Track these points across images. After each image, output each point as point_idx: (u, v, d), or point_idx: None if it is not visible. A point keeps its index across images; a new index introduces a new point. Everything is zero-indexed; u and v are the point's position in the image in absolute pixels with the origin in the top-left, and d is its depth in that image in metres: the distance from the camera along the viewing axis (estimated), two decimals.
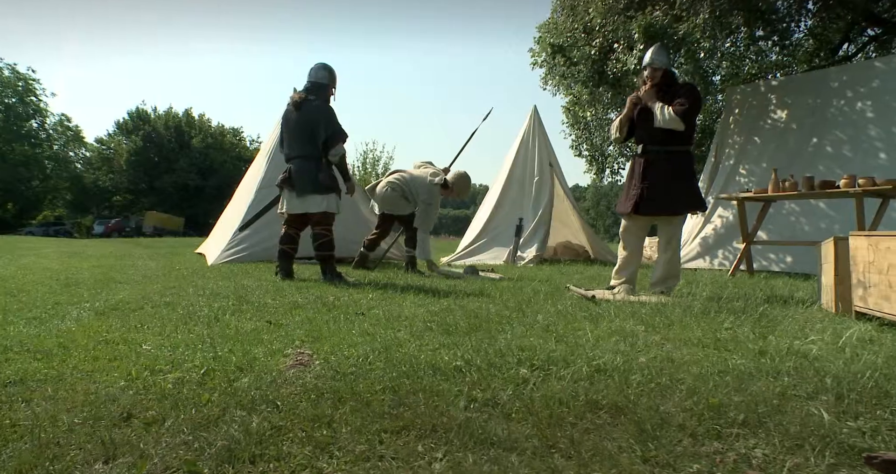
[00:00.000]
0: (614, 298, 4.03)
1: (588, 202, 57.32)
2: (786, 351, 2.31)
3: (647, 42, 7.14)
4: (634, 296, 4.13)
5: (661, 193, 4.28)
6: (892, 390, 1.75)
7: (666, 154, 4.32)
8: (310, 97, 5.13)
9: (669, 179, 4.28)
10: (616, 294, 4.28)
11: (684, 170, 4.37)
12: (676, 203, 4.31)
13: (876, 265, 2.96)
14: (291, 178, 5.10)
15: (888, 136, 7.00)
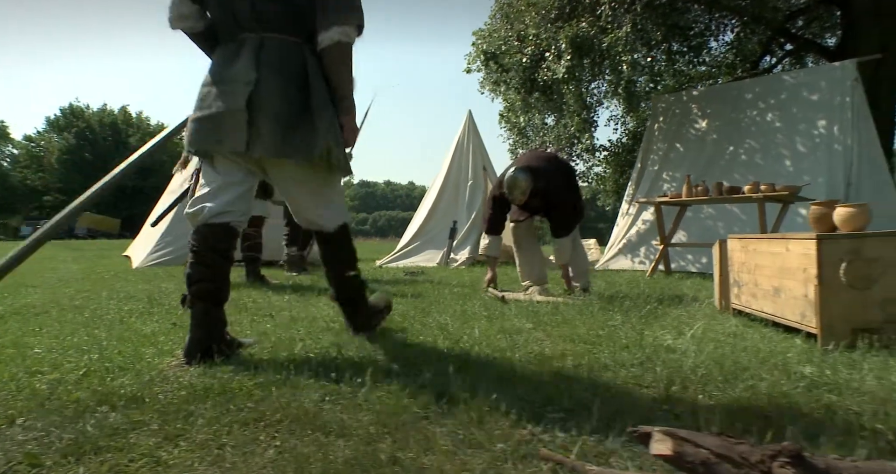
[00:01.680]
0: (524, 298, 4.21)
1: None
2: (650, 345, 2.50)
3: (574, 52, 7.42)
4: (544, 296, 4.31)
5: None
6: (719, 377, 1.94)
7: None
8: None
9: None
10: (528, 294, 4.46)
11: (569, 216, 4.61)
12: (561, 233, 4.56)
13: (747, 265, 3.22)
14: None
15: (793, 145, 7.48)
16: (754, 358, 2.24)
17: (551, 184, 4.39)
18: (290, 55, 2.19)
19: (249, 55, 2.15)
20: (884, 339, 2.39)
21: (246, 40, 2.19)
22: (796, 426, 1.50)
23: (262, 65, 2.14)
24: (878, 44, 9.20)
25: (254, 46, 2.17)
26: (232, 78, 2.14)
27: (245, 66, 2.13)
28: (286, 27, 2.19)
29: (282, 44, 2.19)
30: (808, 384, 1.88)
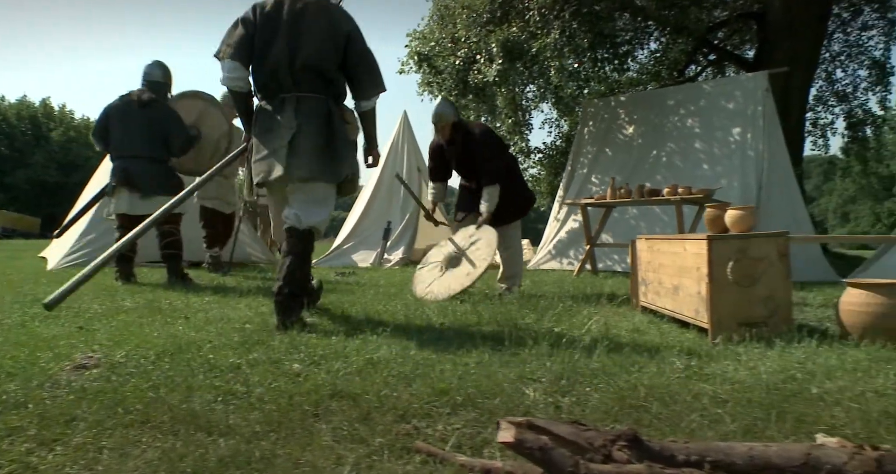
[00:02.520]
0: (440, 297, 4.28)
1: None
2: (554, 341, 2.59)
3: (504, 56, 7.57)
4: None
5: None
6: (608, 370, 2.05)
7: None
8: (153, 96, 5.01)
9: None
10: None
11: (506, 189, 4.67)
12: (504, 217, 4.64)
13: (652, 264, 3.39)
14: (131, 179, 4.93)
15: (710, 150, 7.87)
16: (647, 351, 2.37)
17: (475, 129, 4.69)
18: (319, 108, 2.97)
19: (290, 109, 2.93)
20: (765, 332, 2.57)
21: (286, 99, 2.96)
22: (667, 413, 1.61)
23: (300, 115, 2.92)
24: (789, 57, 9.80)
25: (294, 103, 2.95)
26: (280, 126, 2.93)
27: (289, 118, 2.92)
28: (316, 89, 2.98)
29: (314, 100, 2.97)
30: (688, 375, 2.01)
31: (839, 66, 13.43)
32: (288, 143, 2.87)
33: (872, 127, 13.55)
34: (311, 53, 2.90)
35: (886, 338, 2.41)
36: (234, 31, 2.97)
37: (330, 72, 2.96)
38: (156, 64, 5.17)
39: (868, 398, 1.73)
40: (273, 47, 2.91)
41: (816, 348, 2.35)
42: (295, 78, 2.92)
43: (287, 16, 2.92)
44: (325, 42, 2.92)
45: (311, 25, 2.92)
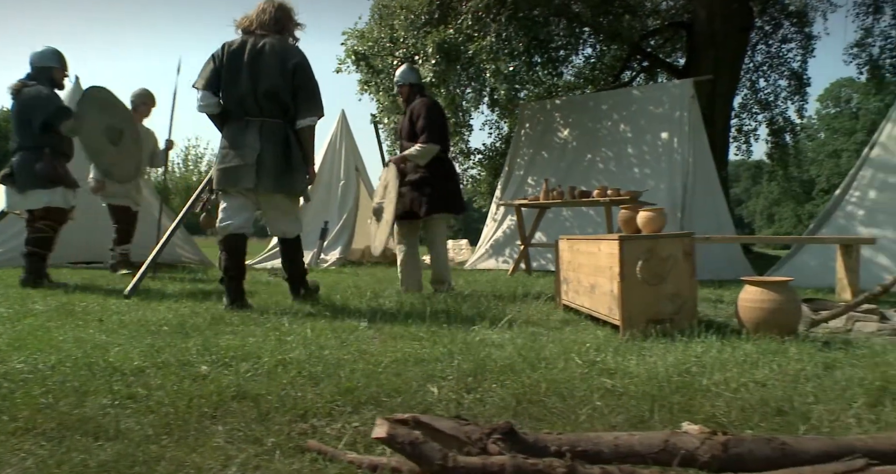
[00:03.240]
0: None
1: None
2: (471, 340, 2.65)
3: (441, 57, 7.62)
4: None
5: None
6: (517, 367, 2.11)
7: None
8: (28, 83, 4.74)
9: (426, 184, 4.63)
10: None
11: (438, 168, 4.65)
12: (429, 203, 4.57)
13: (572, 264, 3.49)
14: (13, 173, 4.68)
15: (640, 154, 8.16)
16: (559, 348, 2.45)
17: (429, 97, 4.79)
18: (278, 131, 3.64)
19: (255, 131, 3.60)
20: (671, 328, 2.69)
21: (251, 122, 3.61)
22: (562, 406, 1.67)
23: (263, 138, 3.59)
24: (714, 65, 10.27)
25: (258, 126, 3.61)
26: (245, 144, 3.57)
27: (254, 138, 3.58)
28: (276, 115, 3.64)
29: (274, 124, 3.64)
30: (592, 370, 2.09)
31: (762, 76, 14.16)
32: (255, 161, 3.54)
33: (791, 134, 14.34)
34: (268, 84, 3.56)
35: (777, 331, 2.57)
36: (207, 67, 3.65)
37: (285, 99, 3.61)
38: (44, 49, 4.87)
39: (749, 388, 1.85)
40: (239, 79, 3.58)
41: (715, 342, 2.48)
42: (259, 104, 3.59)
43: (248, 54, 3.58)
44: (279, 74, 3.57)
45: (268, 61, 3.57)
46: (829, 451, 1.01)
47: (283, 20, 3.73)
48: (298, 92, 3.62)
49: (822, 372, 2.04)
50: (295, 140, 3.68)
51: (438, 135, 4.52)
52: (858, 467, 0.93)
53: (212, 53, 3.66)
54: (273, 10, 3.70)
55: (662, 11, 13.27)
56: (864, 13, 12.36)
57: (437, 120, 4.58)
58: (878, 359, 2.22)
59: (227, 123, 3.69)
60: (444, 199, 4.60)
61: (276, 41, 3.63)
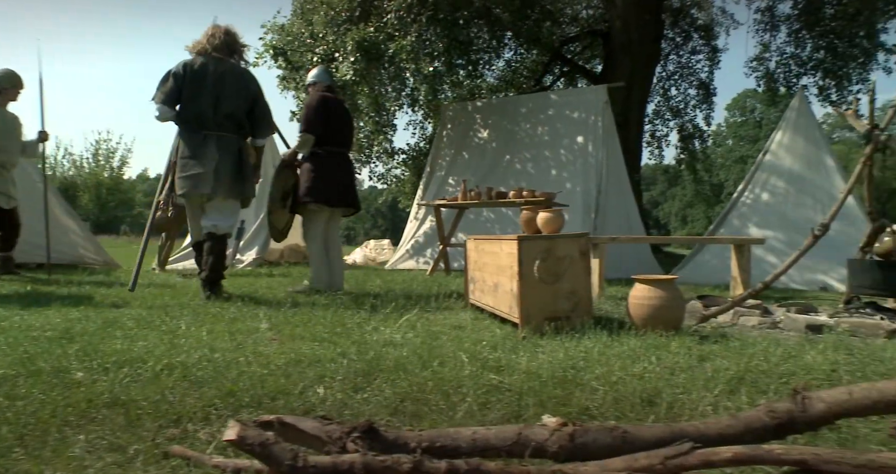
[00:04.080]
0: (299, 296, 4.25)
1: None
2: (373, 340, 2.64)
3: (361, 55, 7.57)
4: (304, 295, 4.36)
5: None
6: (410, 365, 2.13)
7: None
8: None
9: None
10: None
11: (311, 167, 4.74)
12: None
13: (478, 263, 3.56)
14: None
15: (557, 157, 8.41)
16: (456, 347, 2.49)
17: (318, 91, 4.84)
18: (233, 145, 4.17)
19: (213, 144, 4.08)
20: (566, 325, 2.79)
21: (209, 136, 4.09)
22: (445, 404, 1.70)
23: (220, 150, 4.08)
24: (628, 73, 10.73)
25: (215, 140, 4.09)
26: (205, 156, 4.05)
27: (212, 150, 4.06)
28: (232, 131, 4.16)
29: (229, 138, 4.15)
30: (484, 367, 2.14)
31: (673, 85, 14.93)
32: (213, 171, 4.01)
33: (700, 140, 15.19)
34: (229, 106, 4.09)
35: (663, 326, 2.72)
36: (167, 83, 4.07)
37: (242, 119, 4.17)
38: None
39: (626, 381, 1.95)
40: (201, 97, 4.05)
41: (604, 338, 2.60)
42: (217, 122, 4.08)
43: (211, 76, 4.07)
44: (240, 99, 4.15)
45: (230, 85, 4.11)
46: (665, 437, 1.08)
47: (232, 44, 4.28)
48: (256, 116, 4.25)
49: (695, 364, 2.18)
50: (245, 153, 4.24)
51: (313, 126, 4.60)
52: (685, 450, 1.00)
53: (171, 71, 4.09)
54: (222, 35, 4.22)
55: (582, 19, 13.73)
56: (763, 30, 13.25)
57: (315, 112, 4.64)
58: (746, 351, 2.39)
59: (184, 135, 4.14)
60: (313, 191, 4.61)
61: (235, 66, 4.22)
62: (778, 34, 13.21)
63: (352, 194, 4.84)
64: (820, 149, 7.11)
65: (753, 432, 1.08)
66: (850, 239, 5.43)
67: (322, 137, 4.64)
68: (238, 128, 4.18)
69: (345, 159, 4.89)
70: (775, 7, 13.00)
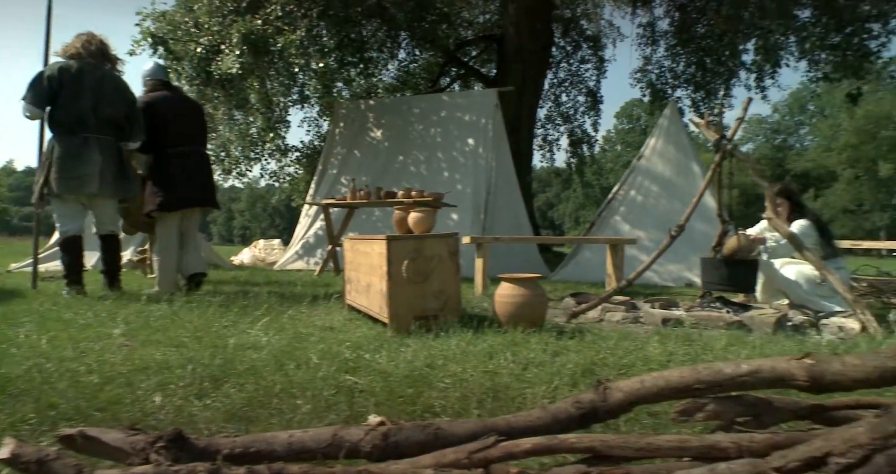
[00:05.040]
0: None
1: (242, 203, 55.04)
2: (232, 344, 2.54)
3: (247, 48, 7.28)
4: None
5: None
6: (264, 369, 2.07)
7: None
8: None
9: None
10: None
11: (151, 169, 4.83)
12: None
13: (353, 263, 3.53)
14: None
15: (449, 158, 8.53)
16: (321, 348, 2.44)
17: (143, 95, 4.83)
18: (113, 147, 4.33)
19: (95, 146, 4.21)
20: (434, 324, 2.83)
21: (89, 138, 4.20)
22: (288, 406, 1.66)
23: (102, 151, 4.23)
24: (520, 78, 11.07)
25: (96, 141, 4.22)
26: (89, 157, 4.17)
27: (95, 152, 4.19)
28: (111, 134, 4.32)
29: (109, 141, 4.30)
30: (341, 368, 2.11)
31: (564, 91, 15.59)
32: (99, 171, 4.17)
33: (588, 145, 15.98)
34: (110, 110, 4.27)
35: (526, 323, 2.82)
36: (40, 84, 4.15)
37: (121, 122, 4.35)
38: None
39: (479, 378, 1.99)
40: (81, 100, 4.18)
41: (468, 336, 2.65)
42: (98, 124, 4.22)
43: (90, 80, 4.23)
44: (119, 103, 4.34)
45: (109, 89, 4.30)
46: (477, 432, 1.11)
47: (106, 53, 4.46)
48: (132, 120, 4.43)
49: (548, 359, 2.27)
50: (124, 154, 4.41)
51: (141, 130, 4.60)
52: (489, 444, 1.04)
53: (45, 74, 4.18)
54: (98, 42, 4.42)
55: (477, 24, 14.02)
56: (645, 44, 14.15)
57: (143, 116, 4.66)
58: (598, 345, 2.53)
59: (62, 137, 4.17)
60: (148, 201, 4.67)
61: (111, 72, 4.43)
62: (658, 48, 14.18)
63: (196, 192, 4.78)
64: (688, 156, 7.69)
65: (561, 423, 1.14)
66: (712, 239, 5.92)
67: (155, 139, 4.64)
68: (117, 131, 4.36)
69: (187, 157, 4.78)
70: (655, 23, 13.94)
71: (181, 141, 4.71)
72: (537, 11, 11.23)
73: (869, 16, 8.33)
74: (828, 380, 1.00)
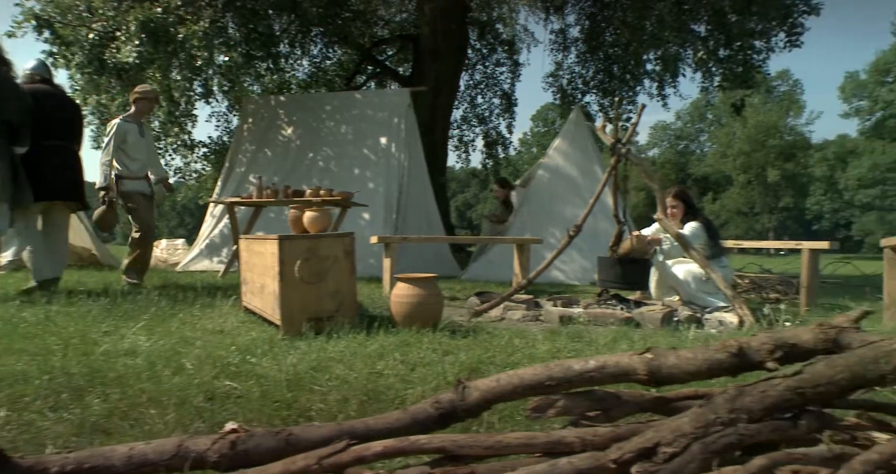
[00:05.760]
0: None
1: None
2: (109, 350, 2.39)
3: (145, 37, 6.88)
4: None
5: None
6: (132, 378, 1.95)
7: None
8: None
9: None
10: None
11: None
12: None
13: (248, 264, 3.41)
14: None
15: (361, 156, 8.43)
16: (203, 352, 2.33)
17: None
18: (9, 151, 4.17)
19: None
20: (329, 326, 2.78)
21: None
22: (156, 414, 1.57)
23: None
24: (435, 79, 11.11)
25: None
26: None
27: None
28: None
29: (3, 143, 4.14)
30: (221, 373, 2.03)
31: (479, 93, 15.80)
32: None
33: (502, 147, 16.29)
34: (7, 114, 4.11)
35: (421, 323, 2.82)
36: None
37: (15, 126, 4.17)
38: None
39: (364, 379, 1.97)
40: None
41: (363, 337, 2.62)
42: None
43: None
44: (14, 107, 4.14)
45: (8, 93, 4.14)
46: (332, 436, 1.09)
47: (1, 55, 4.30)
48: (20, 125, 4.23)
49: (437, 359, 2.28)
50: (17, 158, 4.25)
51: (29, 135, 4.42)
52: (340, 448, 1.02)
53: None
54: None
55: (394, 22, 13.96)
56: (557, 49, 14.59)
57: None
58: (491, 343, 2.57)
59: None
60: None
61: (8, 75, 4.27)
62: (569, 54, 14.65)
63: (61, 187, 4.55)
64: (591, 158, 8.00)
65: (420, 424, 1.14)
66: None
67: (31, 130, 4.38)
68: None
69: (57, 152, 4.56)
70: (567, 30, 14.41)
71: (55, 135, 4.50)
72: (453, 13, 11.31)
73: (754, 32, 8.98)
74: (664, 374, 1.06)
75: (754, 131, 39.75)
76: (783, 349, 1.02)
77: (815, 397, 0.94)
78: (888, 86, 35.83)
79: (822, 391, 0.93)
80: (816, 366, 0.95)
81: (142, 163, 5.40)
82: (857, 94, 37.64)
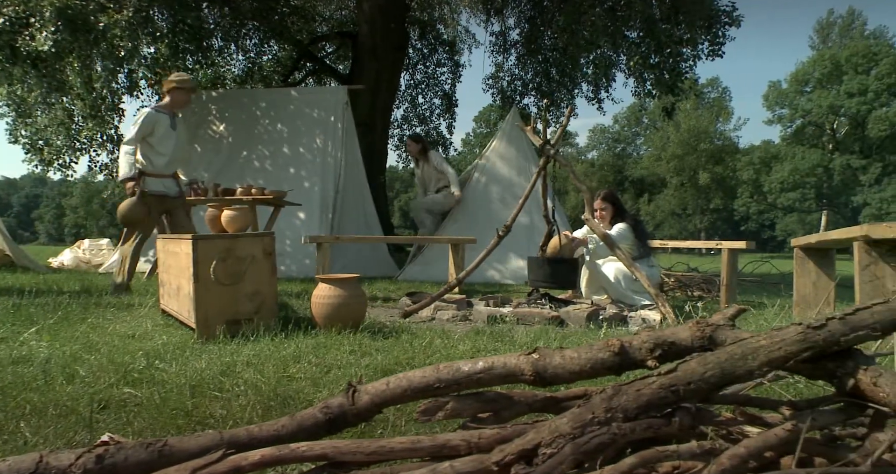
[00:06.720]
0: None
1: (76, 199, 49.21)
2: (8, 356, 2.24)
3: (63, 25, 6.51)
4: None
5: None
6: (17, 388, 1.82)
7: None
8: None
9: None
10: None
11: None
12: None
13: (165, 265, 3.27)
14: None
15: (296, 154, 8.26)
16: (107, 358, 2.21)
17: None
18: None
19: None
20: (248, 328, 2.69)
21: None
22: (39, 425, 1.48)
23: None
24: (374, 78, 11.00)
25: None
26: None
27: None
28: None
29: None
30: (122, 380, 1.93)
31: (420, 93, 15.77)
32: None
33: (442, 148, 16.31)
34: None
35: (343, 324, 2.78)
36: None
37: None
38: None
39: (274, 384, 1.91)
40: None
41: (280, 340, 2.55)
42: None
43: None
44: None
45: None
46: (212, 446, 1.04)
47: None
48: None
49: (354, 361, 2.25)
50: None
51: None
52: (214, 459, 0.97)
53: None
54: None
55: (332, 19, 13.75)
56: (497, 52, 14.72)
57: None
58: (411, 344, 2.55)
59: None
60: None
61: None
62: (509, 57, 14.81)
63: None
64: (528, 159, 8.10)
65: (307, 430, 1.10)
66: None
67: None
68: None
69: None
70: (507, 32, 14.56)
71: None
72: (392, 11, 11.23)
73: (682, 40, 9.33)
74: (550, 374, 1.06)
75: (687, 135, 41.38)
76: (662, 347, 1.04)
77: (689, 394, 0.96)
78: (807, 95, 38.10)
79: (695, 388, 0.96)
80: (690, 364, 0.98)
81: (169, 159, 4.91)
82: (780, 102, 39.81)
